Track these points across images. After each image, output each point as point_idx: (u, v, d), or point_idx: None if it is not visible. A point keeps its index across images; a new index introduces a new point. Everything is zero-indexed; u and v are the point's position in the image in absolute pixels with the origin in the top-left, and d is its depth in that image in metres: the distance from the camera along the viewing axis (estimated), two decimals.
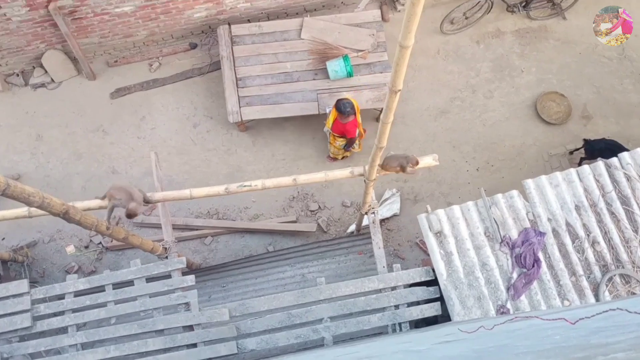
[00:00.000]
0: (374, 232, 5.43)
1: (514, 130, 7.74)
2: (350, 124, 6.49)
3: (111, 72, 7.88)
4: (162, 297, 5.08)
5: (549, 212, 5.14)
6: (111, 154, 7.59)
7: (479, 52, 8.01)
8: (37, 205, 3.17)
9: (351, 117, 6.43)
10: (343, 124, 6.46)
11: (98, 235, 7.21)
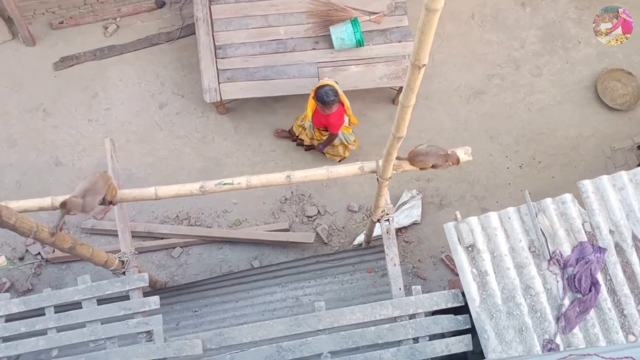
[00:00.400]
0: (389, 245, 5.45)
1: (567, 118, 7.75)
2: (334, 116, 6.50)
3: (55, 36, 7.87)
4: (117, 324, 5.07)
5: (612, 223, 5.15)
6: (54, 141, 7.59)
7: (524, 17, 8.03)
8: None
9: (335, 107, 6.44)
10: (325, 115, 6.47)
11: (37, 244, 7.22)
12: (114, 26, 7.88)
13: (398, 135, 3.71)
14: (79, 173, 7.49)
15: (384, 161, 4.20)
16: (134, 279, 5.22)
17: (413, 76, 3.02)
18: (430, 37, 2.74)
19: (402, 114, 3.44)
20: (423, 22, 2.67)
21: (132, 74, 7.79)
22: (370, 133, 7.66)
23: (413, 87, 3.12)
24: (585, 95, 7.82)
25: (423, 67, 2.93)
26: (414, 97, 3.25)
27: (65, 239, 4.38)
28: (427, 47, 2.80)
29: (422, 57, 2.85)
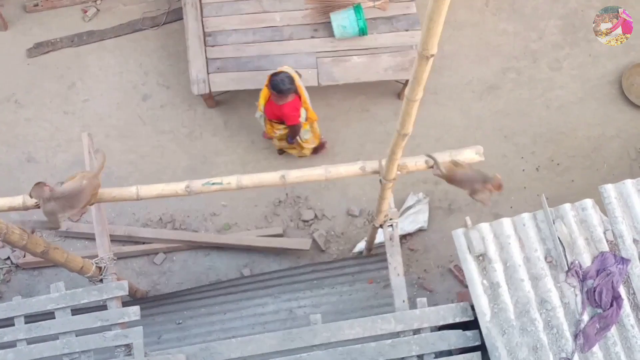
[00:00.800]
0: (392, 253, 5.46)
1: (589, 116, 7.77)
2: (288, 106, 6.50)
3: (29, 19, 7.88)
4: (93, 336, 5.09)
5: (636, 231, 5.16)
6: (27, 135, 7.60)
7: (543, 4, 8.05)
8: None
9: (290, 97, 6.45)
10: (279, 105, 6.48)
11: (5, 248, 7.23)
12: (93, 10, 7.90)
13: (403, 132, 3.72)
14: (53, 170, 7.49)
15: (388, 161, 4.21)
16: (112, 287, 5.23)
17: (420, 67, 3.03)
18: (439, 25, 2.75)
19: (408, 109, 3.45)
20: (432, 9, 2.68)
21: (112, 62, 7.80)
22: (373, 130, 7.67)
23: (420, 79, 3.13)
24: (609, 91, 7.84)
25: (431, 57, 2.94)
26: (421, 90, 3.26)
27: (38, 243, 4.39)
28: (436, 35, 2.81)
29: (430, 46, 2.86)
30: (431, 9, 2.69)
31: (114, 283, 5.28)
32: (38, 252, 4.47)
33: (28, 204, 4.19)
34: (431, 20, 2.73)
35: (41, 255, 4.57)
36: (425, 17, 2.75)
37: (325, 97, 7.70)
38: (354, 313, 6.59)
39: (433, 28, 2.77)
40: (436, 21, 2.73)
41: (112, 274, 5.37)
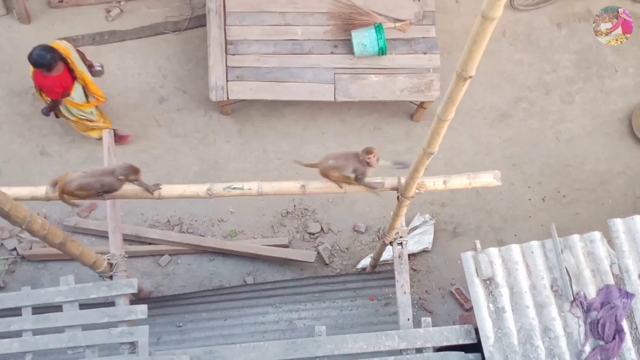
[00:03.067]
0: (400, 271, 5.47)
1: (597, 151, 7.83)
2: (52, 80, 6.38)
3: (53, 15, 7.91)
4: (99, 332, 5.06)
5: None
6: (42, 128, 7.60)
7: (559, 39, 8.12)
8: None
9: (57, 71, 6.33)
10: (44, 77, 6.37)
11: (13, 239, 7.22)
12: (117, 10, 7.93)
13: (429, 150, 3.74)
14: (66, 165, 7.49)
15: (409, 178, 4.24)
16: (122, 284, 5.22)
17: (457, 87, 3.06)
18: (482, 48, 2.79)
19: (438, 128, 3.48)
20: (477, 31, 2.72)
21: (132, 63, 7.82)
22: (383, 149, 7.65)
23: (455, 99, 3.16)
24: (619, 128, 7.90)
25: (469, 78, 2.97)
26: (453, 110, 3.30)
27: (57, 234, 4.39)
28: (477, 57, 2.85)
29: (469, 67, 2.90)
30: (476, 31, 2.72)
31: (123, 280, 5.27)
32: (56, 243, 4.47)
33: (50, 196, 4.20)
34: (474, 42, 2.76)
35: (58, 247, 4.57)
36: (469, 39, 2.79)
37: (340, 112, 7.74)
38: (353, 328, 6.58)
39: (475, 50, 2.80)
40: (479, 44, 2.76)
41: (122, 271, 5.37)
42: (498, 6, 2.57)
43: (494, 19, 2.63)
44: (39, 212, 7.27)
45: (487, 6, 2.60)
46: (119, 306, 5.17)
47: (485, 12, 2.63)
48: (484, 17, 2.64)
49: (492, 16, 2.62)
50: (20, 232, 7.19)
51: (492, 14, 2.61)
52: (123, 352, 5.12)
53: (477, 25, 2.70)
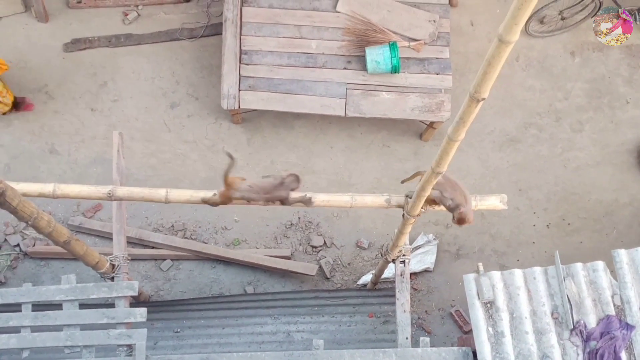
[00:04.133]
0: (401, 289, 5.47)
1: (604, 181, 7.82)
2: None
3: (71, 15, 7.97)
4: (97, 332, 5.07)
5: None
6: (52, 127, 7.65)
7: (572, 67, 8.14)
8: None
9: None
10: None
11: (17, 235, 7.24)
12: (134, 14, 7.99)
13: (438, 170, 3.75)
14: (74, 165, 7.53)
15: (415, 196, 4.25)
16: (123, 286, 5.23)
17: (469, 109, 3.07)
18: (497, 71, 2.80)
19: (448, 148, 3.49)
20: (492, 54, 2.73)
21: (146, 67, 7.87)
22: (391, 166, 7.72)
23: (466, 120, 3.17)
24: (627, 159, 7.89)
25: (482, 100, 2.98)
26: (464, 131, 3.31)
27: (62, 232, 4.40)
28: (491, 80, 2.86)
29: (483, 90, 2.91)
30: (492, 54, 2.74)
31: (124, 282, 5.28)
32: (61, 241, 4.49)
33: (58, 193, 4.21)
34: (490, 65, 2.78)
35: (63, 245, 4.58)
36: (484, 61, 2.80)
37: (349, 128, 7.76)
38: (351, 344, 6.57)
39: (490, 73, 2.81)
40: (494, 66, 2.77)
41: (124, 273, 5.38)
42: (515, 31, 2.59)
43: (510, 42, 2.64)
44: (44, 209, 7.28)
45: (505, 30, 2.62)
46: (119, 308, 5.18)
47: (502, 36, 2.64)
48: (500, 40, 2.66)
49: (509, 40, 2.63)
50: (25, 229, 7.21)
51: (508, 37, 2.62)
52: (120, 354, 5.12)
53: (493, 48, 2.71)
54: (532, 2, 2.42)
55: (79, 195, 4.19)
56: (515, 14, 2.52)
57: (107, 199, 4.26)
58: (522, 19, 2.53)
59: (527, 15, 2.51)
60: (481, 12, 8.18)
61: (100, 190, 4.20)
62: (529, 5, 2.45)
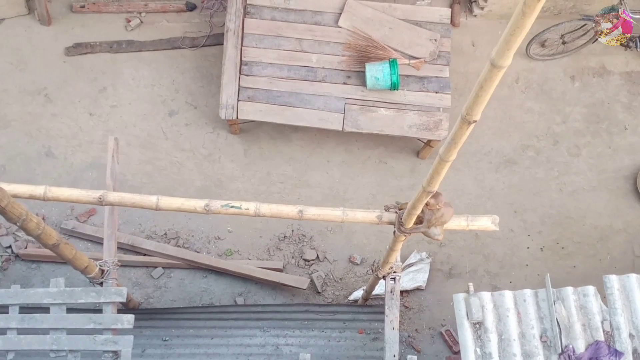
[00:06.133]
0: (390, 306, 5.46)
1: (600, 206, 7.84)
2: None
3: (73, 19, 8.02)
4: (83, 337, 5.08)
5: (633, 326, 5.18)
6: (50, 130, 7.68)
7: (572, 91, 8.18)
8: None
9: None
10: None
11: (9, 236, 7.24)
12: (137, 21, 8.03)
13: (429, 189, 3.77)
14: (70, 169, 7.55)
15: (407, 214, 4.26)
16: (111, 292, 5.23)
17: (461, 130, 3.09)
18: (488, 94, 2.83)
19: (439, 168, 3.51)
20: (484, 77, 2.76)
21: (146, 74, 7.91)
22: (387, 183, 7.74)
23: (458, 141, 3.19)
24: (623, 185, 7.91)
25: (473, 123, 3.01)
26: (455, 152, 3.33)
27: (52, 235, 4.41)
28: (483, 103, 2.89)
29: (475, 112, 2.93)
30: (484, 77, 2.76)
31: (113, 288, 5.29)
32: (49, 244, 4.49)
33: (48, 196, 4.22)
34: (482, 88, 2.80)
35: (52, 248, 4.59)
36: (477, 84, 2.83)
37: (347, 142, 7.79)
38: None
39: (482, 96, 2.84)
40: (486, 90, 2.80)
41: (113, 279, 5.38)
42: (507, 55, 2.62)
43: (503, 67, 2.67)
44: (38, 212, 7.32)
45: (497, 55, 2.65)
46: (106, 314, 5.18)
47: (495, 61, 2.67)
48: (493, 65, 2.69)
49: (501, 65, 2.66)
50: (17, 231, 7.22)
51: (501, 62, 2.65)
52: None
53: (485, 72, 2.74)
54: (524, 29, 2.45)
55: (69, 198, 4.20)
56: (508, 39, 2.55)
57: (98, 204, 4.27)
58: (514, 44, 2.56)
59: (519, 41, 2.54)
60: (483, 33, 8.23)
61: (91, 194, 4.21)
62: (522, 32, 2.48)
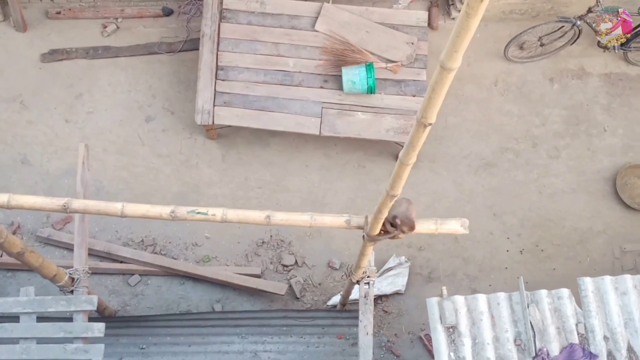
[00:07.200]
0: (364, 311, 5.45)
1: (579, 208, 7.85)
2: None
3: (49, 25, 8.00)
4: (54, 347, 5.06)
5: (607, 328, 5.18)
6: (25, 137, 7.65)
7: (550, 93, 8.20)
8: None
9: None
10: None
11: None
12: (113, 26, 8.01)
13: (392, 193, 3.77)
14: (45, 176, 7.52)
15: (373, 219, 4.25)
16: (82, 300, 5.21)
17: (417, 134, 3.09)
18: (441, 97, 2.83)
19: (400, 172, 3.51)
20: (435, 80, 2.76)
21: (123, 80, 7.89)
22: (365, 187, 7.74)
23: (416, 145, 3.19)
24: (603, 187, 7.92)
25: (429, 126, 3.00)
26: (414, 155, 3.32)
27: (15, 243, 4.39)
28: (436, 106, 2.88)
29: (429, 115, 2.93)
30: (435, 80, 2.76)
31: (83, 296, 5.26)
32: (14, 253, 4.47)
33: (12, 204, 4.19)
34: (433, 90, 2.80)
35: (16, 257, 4.57)
36: (429, 87, 2.82)
37: (325, 147, 7.79)
38: None
39: (434, 99, 2.83)
40: (438, 92, 2.80)
41: (83, 287, 5.35)
42: (456, 57, 2.62)
43: (452, 69, 2.67)
44: (13, 220, 7.29)
45: (446, 57, 2.65)
46: (76, 322, 5.15)
47: (444, 63, 2.67)
48: (442, 67, 2.68)
49: (450, 67, 2.66)
50: None
51: (450, 64, 2.65)
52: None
53: (436, 75, 2.74)
54: (470, 30, 2.45)
55: (33, 206, 4.17)
56: (454, 42, 2.55)
57: (63, 211, 4.24)
58: (462, 46, 2.56)
59: (466, 43, 2.54)
60: None
61: (55, 202, 4.18)
62: (468, 34, 2.48)
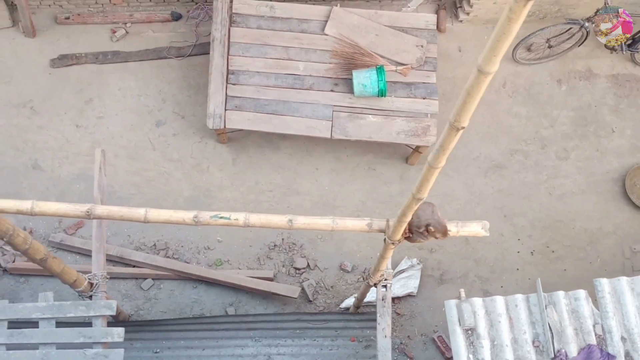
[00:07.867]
0: (382, 314, 5.46)
1: (589, 209, 7.87)
2: None
3: (58, 31, 7.98)
4: (73, 352, 5.06)
5: (625, 329, 5.20)
6: (36, 142, 7.63)
7: (559, 94, 8.22)
8: None
9: None
10: None
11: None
12: (122, 31, 8.01)
13: (418, 196, 3.77)
14: (57, 181, 7.51)
15: (397, 222, 4.26)
16: (101, 306, 5.21)
17: (449, 137, 3.10)
18: (476, 101, 2.83)
19: (428, 175, 3.51)
20: (471, 84, 2.76)
21: (133, 84, 7.89)
22: (376, 189, 7.75)
23: (446, 148, 3.19)
24: (612, 188, 7.95)
25: (461, 129, 3.01)
26: (444, 158, 3.33)
27: (39, 249, 4.38)
28: (471, 110, 2.89)
29: (463, 119, 2.94)
30: (471, 84, 2.77)
31: (102, 301, 5.27)
32: (37, 259, 4.47)
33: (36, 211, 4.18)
34: (469, 94, 2.81)
35: (39, 262, 4.56)
36: (463, 91, 2.83)
37: (335, 150, 7.79)
38: None
39: (469, 102, 2.84)
40: (474, 96, 2.80)
41: (102, 292, 5.36)
42: (494, 62, 2.62)
43: (490, 73, 2.68)
44: (25, 225, 7.28)
45: (484, 61, 2.65)
46: (96, 327, 5.15)
47: (482, 67, 2.67)
48: (479, 71, 2.69)
49: (488, 71, 2.66)
50: (4, 245, 7.17)
51: (488, 68, 2.66)
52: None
53: (472, 79, 2.74)
54: (510, 35, 2.46)
55: (56, 213, 4.17)
56: (494, 46, 2.56)
57: (86, 217, 4.23)
58: (501, 50, 2.56)
59: (505, 47, 2.55)
60: (469, 39, 8.26)
61: (78, 208, 4.18)
62: (508, 38, 2.48)
